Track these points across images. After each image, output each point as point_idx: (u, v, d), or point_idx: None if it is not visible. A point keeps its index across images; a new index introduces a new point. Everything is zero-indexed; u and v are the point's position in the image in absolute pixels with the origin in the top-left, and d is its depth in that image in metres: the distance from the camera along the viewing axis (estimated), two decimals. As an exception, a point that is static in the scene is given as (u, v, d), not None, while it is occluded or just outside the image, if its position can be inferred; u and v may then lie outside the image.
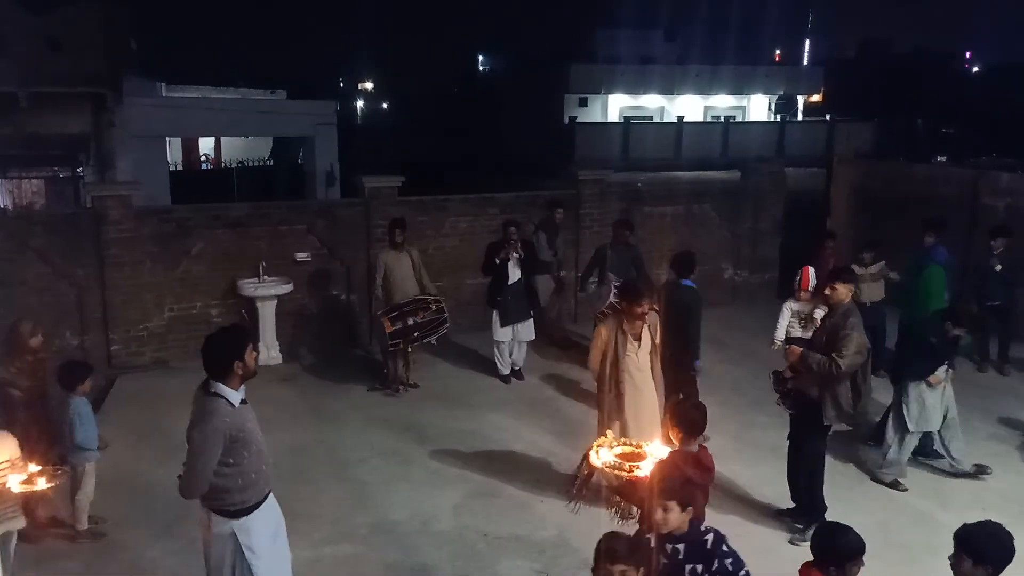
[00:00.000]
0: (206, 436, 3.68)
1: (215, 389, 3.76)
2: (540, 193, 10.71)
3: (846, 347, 5.27)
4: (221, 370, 3.76)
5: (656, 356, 5.81)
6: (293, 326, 9.40)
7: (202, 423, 3.70)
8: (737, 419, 7.45)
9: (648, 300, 5.65)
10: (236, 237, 9.01)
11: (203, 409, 3.73)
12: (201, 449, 3.69)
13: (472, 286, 10.00)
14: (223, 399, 3.75)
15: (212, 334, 3.90)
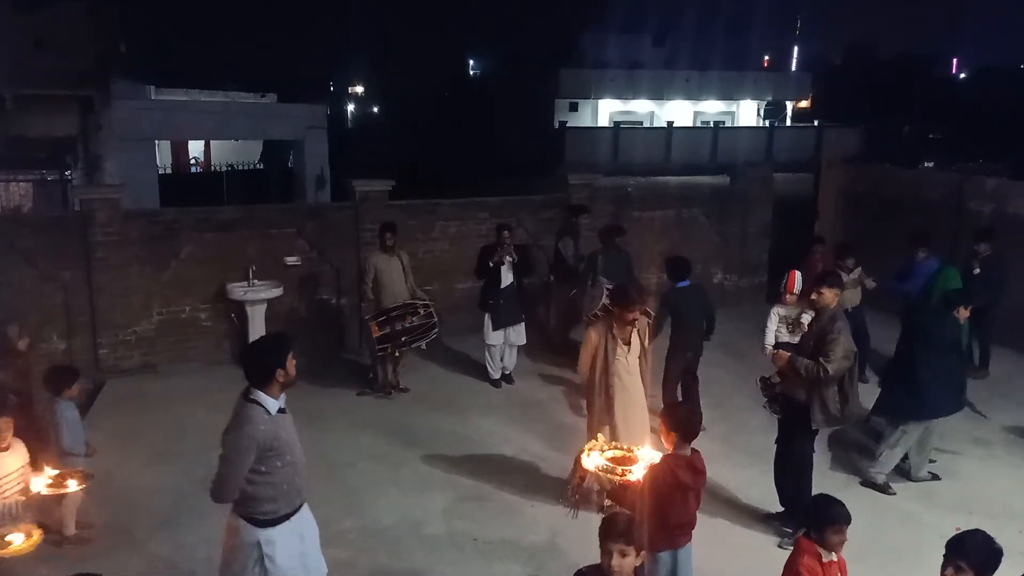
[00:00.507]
0: (238, 442, 3.66)
1: (253, 396, 3.75)
2: (530, 197, 10.72)
3: (833, 351, 5.29)
4: (262, 377, 3.73)
5: (646, 360, 5.82)
6: (282, 330, 9.34)
7: (236, 428, 3.68)
8: (726, 422, 7.46)
9: (639, 305, 5.65)
10: (225, 240, 8.98)
11: (238, 415, 3.72)
12: (232, 454, 3.66)
13: (462, 290, 9.99)
14: (260, 407, 3.73)
15: (254, 341, 3.87)
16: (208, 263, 8.93)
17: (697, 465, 4.18)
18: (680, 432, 4.18)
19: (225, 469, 3.69)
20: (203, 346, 9.04)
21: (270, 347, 3.82)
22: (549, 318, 10.23)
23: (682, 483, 4.10)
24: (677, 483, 4.10)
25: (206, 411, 7.74)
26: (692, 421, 4.22)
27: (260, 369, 3.73)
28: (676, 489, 4.10)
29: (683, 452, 4.18)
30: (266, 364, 3.73)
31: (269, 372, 3.73)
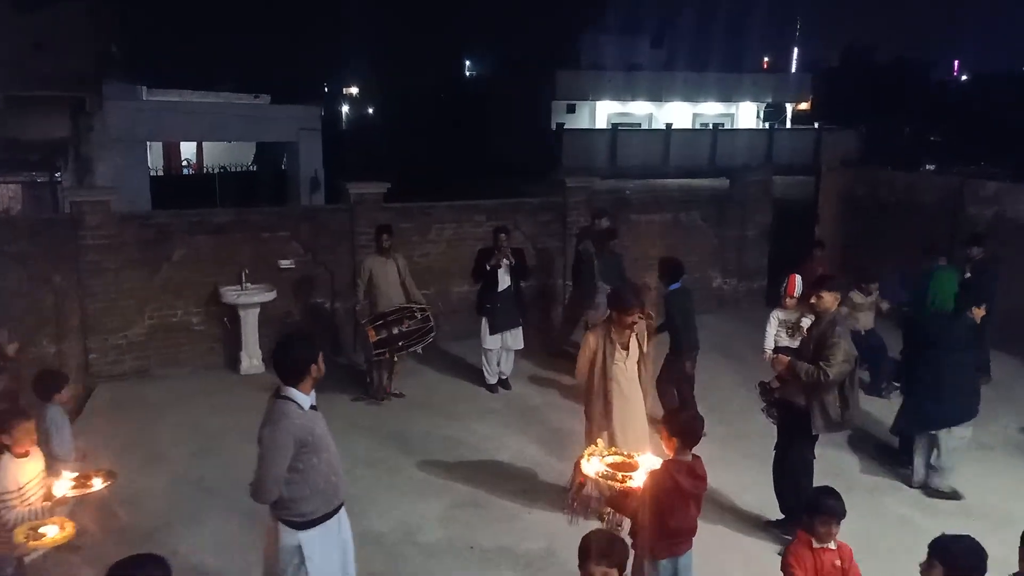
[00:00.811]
0: (276, 437, 3.69)
1: (285, 393, 3.80)
2: (527, 200, 10.74)
3: (833, 355, 5.31)
4: (297, 374, 3.79)
5: (645, 365, 5.83)
6: (276, 334, 9.29)
7: (271, 424, 3.72)
8: (724, 427, 7.48)
9: (637, 308, 5.66)
10: (218, 243, 8.98)
11: (272, 411, 3.76)
12: (271, 451, 3.69)
13: (458, 294, 10.00)
14: (293, 402, 3.78)
15: (286, 339, 3.93)
16: (201, 266, 8.92)
17: (698, 471, 4.18)
18: (682, 438, 4.19)
19: (264, 467, 3.71)
20: (195, 350, 9.03)
21: (303, 344, 3.87)
22: (551, 321, 10.25)
23: (683, 489, 4.10)
24: (678, 489, 4.10)
25: (199, 415, 7.75)
26: (694, 426, 4.23)
27: (294, 366, 3.79)
28: (677, 495, 4.11)
29: (684, 458, 4.19)
30: (301, 361, 3.79)
31: (303, 368, 3.79)
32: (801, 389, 5.49)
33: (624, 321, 5.62)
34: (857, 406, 5.64)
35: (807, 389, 5.45)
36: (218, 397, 8.25)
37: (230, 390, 8.48)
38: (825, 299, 5.49)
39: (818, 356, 5.39)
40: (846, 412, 5.52)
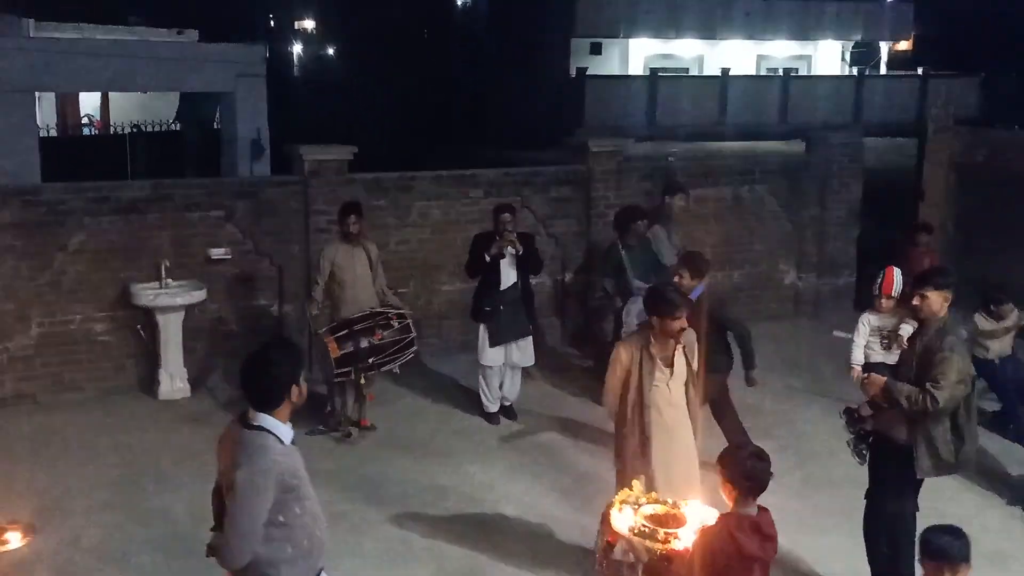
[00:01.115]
0: (254, 480, 3.70)
1: (259, 422, 3.83)
2: (538, 169, 10.74)
3: (944, 375, 5.29)
4: (272, 397, 3.84)
5: (695, 387, 5.81)
6: (206, 347, 9.37)
7: (248, 463, 3.72)
8: (799, 472, 7.46)
9: (684, 311, 5.64)
10: (129, 227, 8.97)
11: (246, 447, 3.77)
12: (248, 498, 3.70)
13: (448, 293, 10.00)
14: (271, 434, 3.81)
15: (261, 351, 3.98)
16: (106, 258, 8.91)
17: (765, 528, 4.18)
18: (743, 484, 4.17)
19: (238, 520, 3.72)
20: (99, 368, 9.03)
21: (283, 358, 3.91)
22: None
23: (745, 552, 4.10)
24: (738, 552, 4.10)
25: (104, 455, 7.74)
26: (758, 469, 4.22)
27: (270, 387, 3.83)
28: (737, 560, 4.11)
29: (747, 511, 4.17)
30: (278, 380, 3.83)
31: (284, 390, 3.84)
32: (902, 419, 5.47)
33: (668, 329, 5.59)
34: (975, 441, 5.61)
35: (910, 419, 5.43)
36: (130, 430, 8.24)
37: (146, 421, 8.47)
38: (931, 300, 5.46)
39: (923, 376, 5.37)
40: (961, 449, 5.49)
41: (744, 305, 11.00)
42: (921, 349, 5.50)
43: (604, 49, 33.31)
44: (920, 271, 6.02)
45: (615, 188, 10.56)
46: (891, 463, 5.60)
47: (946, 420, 5.44)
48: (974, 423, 5.57)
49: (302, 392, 3.91)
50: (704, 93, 30.40)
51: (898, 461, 5.53)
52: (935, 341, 5.41)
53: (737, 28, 33.41)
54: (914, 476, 5.52)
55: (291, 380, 3.86)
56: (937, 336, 5.42)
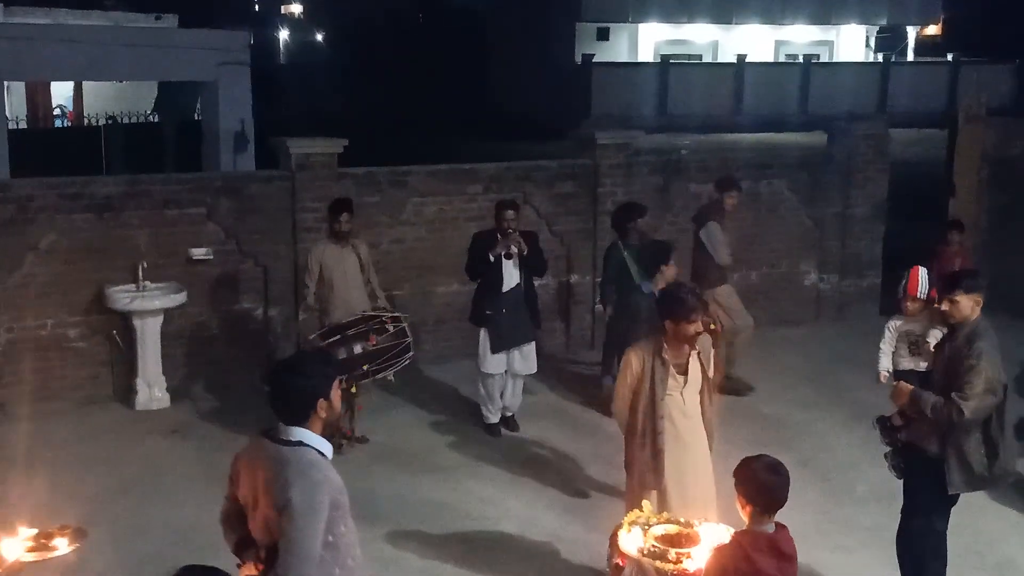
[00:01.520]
0: (314, 498, 3.72)
1: (297, 436, 3.84)
2: (541, 163, 10.75)
3: (971, 385, 5.28)
4: (303, 410, 3.86)
5: (710, 396, 5.81)
6: (186, 354, 9.36)
7: (301, 481, 3.72)
8: (821, 486, 7.46)
9: (699, 314, 5.64)
10: (104, 225, 8.97)
11: (292, 464, 3.77)
12: (307, 518, 3.71)
13: (445, 295, 10.00)
14: (313, 449, 3.84)
15: (291, 360, 4.02)
16: (79, 258, 8.91)
17: (782, 547, 4.18)
18: (759, 500, 4.17)
19: (302, 542, 3.70)
20: (73, 377, 9.03)
21: (314, 368, 3.93)
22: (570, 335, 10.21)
23: (761, 572, 4.10)
24: (754, 572, 4.10)
25: (77, 471, 7.73)
26: (775, 483, 4.22)
27: (301, 399, 3.86)
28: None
29: (764, 528, 4.18)
30: (309, 392, 3.86)
31: (310, 404, 3.86)
32: (933, 431, 5.46)
33: (683, 333, 5.60)
34: (1012, 454, 5.60)
35: (941, 431, 5.43)
36: (105, 443, 8.24)
37: (122, 432, 8.46)
38: (961, 304, 5.45)
39: (950, 384, 5.36)
40: (995, 463, 5.49)
41: (762, 308, 10.99)
42: (949, 356, 5.49)
43: (611, 34, 33.35)
44: (949, 273, 6.01)
45: (623, 183, 10.55)
46: (922, 476, 5.60)
47: (977, 432, 5.43)
48: (1009, 435, 5.56)
49: (334, 406, 3.94)
50: (718, 81, 30.47)
51: (930, 475, 5.53)
52: (963, 348, 5.40)
53: (754, 12, 33.42)
54: (946, 491, 5.52)
55: (319, 393, 3.87)
56: (966, 342, 5.41)
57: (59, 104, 24.67)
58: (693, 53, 34.19)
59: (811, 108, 29.15)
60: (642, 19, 32.92)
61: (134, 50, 18.54)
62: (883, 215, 11.80)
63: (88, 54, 17.83)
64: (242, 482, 3.95)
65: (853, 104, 26.98)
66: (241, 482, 3.96)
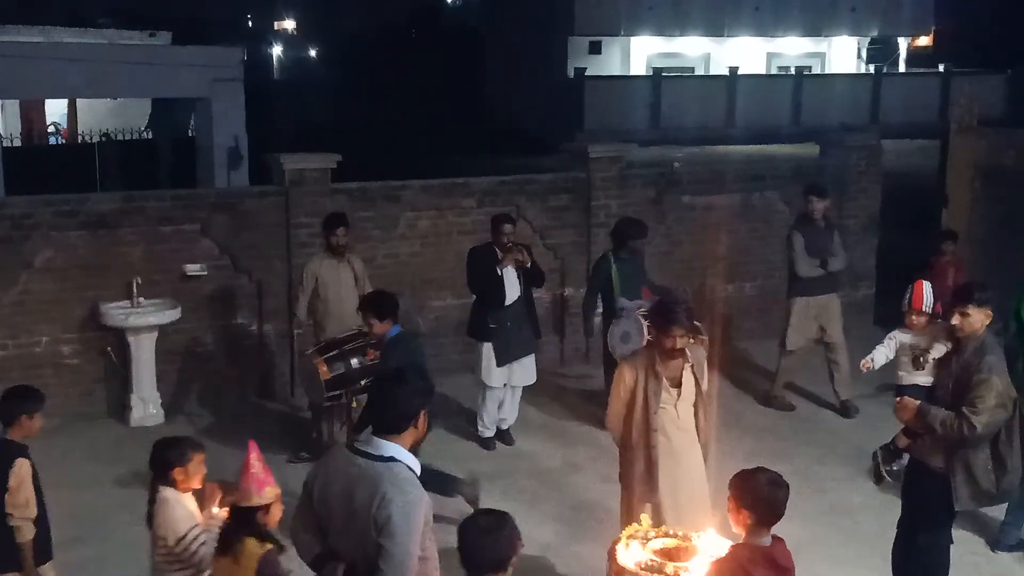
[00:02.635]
0: (410, 516, 3.79)
1: (389, 452, 3.88)
2: (534, 177, 10.75)
3: (982, 399, 5.25)
4: (399, 423, 3.92)
5: (703, 408, 5.80)
6: (180, 370, 9.35)
7: (401, 496, 3.77)
8: (818, 498, 7.44)
9: (688, 326, 5.64)
10: (98, 242, 8.97)
11: (387, 479, 3.80)
12: (408, 534, 3.79)
13: (440, 309, 9.99)
14: (404, 465, 3.88)
15: (395, 374, 4.13)
16: (74, 275, 8.91)
17: (780, 560, 4.17)
18: (756, 512, 4.17)
19: (403, 558, 3.77)
20: (67, 393, 8.99)
21: (416, 384, 4.03)
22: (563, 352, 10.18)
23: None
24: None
25: (71, 486, 7.70)
26: (774, 496, 4.21)
27: (400, 412, 3.92)
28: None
29: (760, 541, 4.17)
30: (409, 406, 3.93)
31: (410, 418, 3.93)
32: (939, 446, 5.44)
33: (660, 344, 5.60)
34: (1019, 469, 5.57)
35: (947, 446, 5.41)
36: (99, 460, 8.21)
37: (116, 449, 8.43)
38: (973, 318, 5.40)
39: (960, 399, 5.34)
40: (1003, 478, 5.47)
41: (755, 320, 11.01)
42: (958, 370, 5.45)
43: (604, 48, 33.44)
44: (957, 285, 5.98)
45: (617, 196, 10.56)
46: (927, 492, 5.57)
47: (986, 447, 5.41)
48: (1017, 449, 5.53)
49: (424, 422, 4.03)
50: (711, 94, 30.54)
51: (935, 490, 5.50)
52: (973, 362, 5.36)
53: (746, 24, 33.56)
54: (951, 506, 5.50)
55: (422, 407, 3.98)
56: (975, 356, 5.37)
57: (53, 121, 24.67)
58: (685, 66, 34.28)
59: (803, 120, 29.25)
60: (634, 32, 33.02)
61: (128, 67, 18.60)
62: (876, 226, 11.82)
63: (82, 72, 17.87)
64: (324, 495, 3.98)
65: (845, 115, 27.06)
66: (322, 495, 3.99)
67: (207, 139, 19.31)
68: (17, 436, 5.40)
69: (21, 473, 5.28)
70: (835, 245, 9.17)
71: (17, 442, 5.39)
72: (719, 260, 10.96)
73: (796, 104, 30.77)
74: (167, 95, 20.28)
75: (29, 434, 5.45)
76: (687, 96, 29.83)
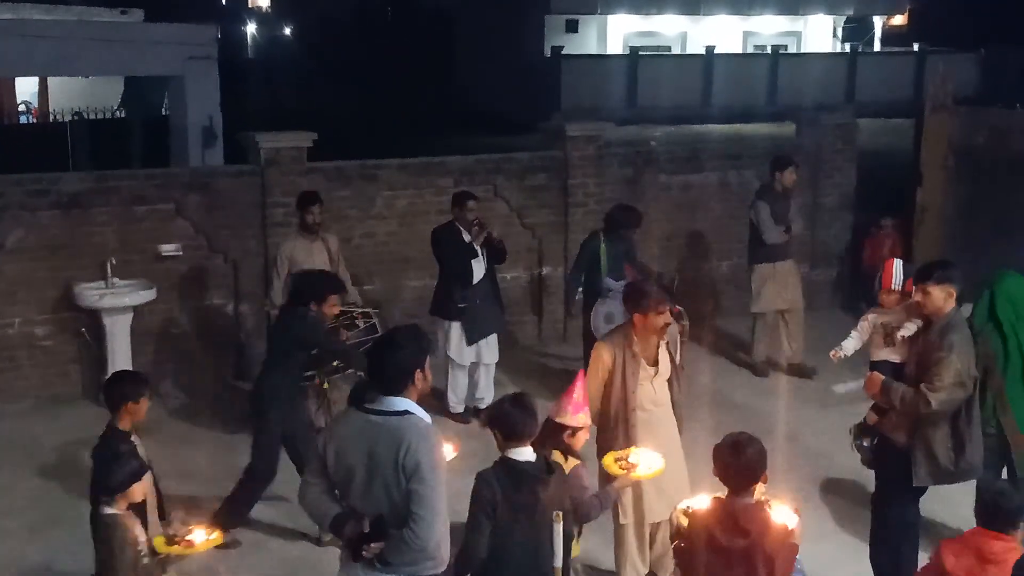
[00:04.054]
0: (436, 460, 4.00)
1: (403, 406, 4.06)
2: (512, 155, 10.74)
3: (939, 377, 5.31)
4: (400, 381, 4.08)
5: (678, 384, 5.85)
6: (156, 351, 9.33)
7: (424, 445, 3.96)
8: (794, 476, 7.49)
9: (666, 303, 5.67)
10: (71, 222, 8.93)
11: (410, 431, 3.97)
12: (441, 482, 3.97)
13: (416, 289, 9.99)
14: (419, 416, 4.07)
15: (388, 334, 4.35)
16: (46, 255, 8.87)
17: (741, 520, 4.25)
18: (724, 477, 4.30)
19: (440, 505, 3.96)
20: (40, 375, 8.98)
21: (409, 341, 4.15)
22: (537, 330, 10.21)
23: (717, 545, 4.22)
24: (711, 545, 4.24)
25: (46, 468, 7.68)
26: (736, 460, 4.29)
27: (398, 370, 4.07)
28: (710, 553, 4.26)
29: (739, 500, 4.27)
30: (406, 363, 4.07)
31: (409, 375, 4.08)
32: (903, 423, 5.50)
33: (652, 325, 5.62)
34: (979, 448, 5.63)
35: (911, 423, 5.47)
36: (75, 441, 8.17)
37: (92, 430, 8.34)
38: (934, 296, 5.47)
39: (921, 376, 5.40)
40: (962, 457, 5.53)
41: (732, 299, 11.05)
42: (922, 347, 5.53)
43: (580, 26, 33.32)
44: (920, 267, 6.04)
45: (594, 175, 10.57)
46: (893, 467, 5.65)
47: (945, 425, 5.46)
48: (977, 429, 5.58)
49: (427, 377, 4.17)
50: (687, 73, 30.49)
51: (899, 466, 5.58)
52: (936, 340, 5.43)
53: (722, 3, 33.53)
54: (911, 483, 5.57)
55: (418, 364, 4.10)
56: (939, 334, 5.43)
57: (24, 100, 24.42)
58: (662, 45, 34.19)
59: (780, 99, 29.24)
60: (611, 11, 32.91)
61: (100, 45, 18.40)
62: (851, 204, 11.88)
63: (53, 49, 17.67)
64: (342, 456, 4.06)
65: (821, 94, 27.06)
66: (340, 457, 4.07)
67: (181, 118, 19.14)
68: (125, 423, 5.37)
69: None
70: (793, 212, 9.64)
71: (120, 429, 5.35)
72: (694, 239, 11.01)
73: (772, 83, 30.75)
74: (140, 73, 20.09)
75: (137, 418, 5.43)
76: (664, 75, 29.73)
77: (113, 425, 5.35)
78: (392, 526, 3.94)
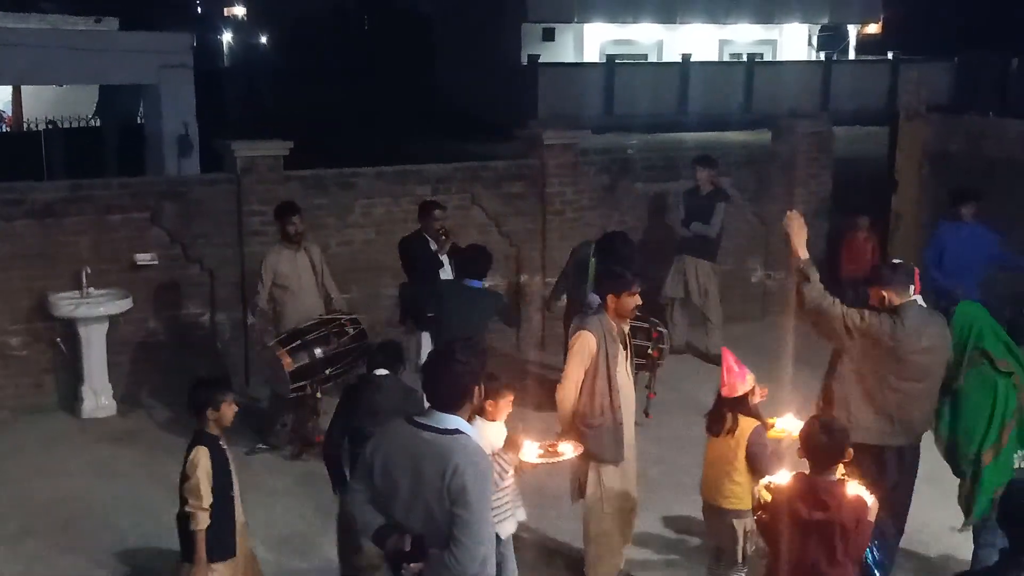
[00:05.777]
0: (483, 485, 3.94)
1: (454, 425, 4.00)
2: (488, 164, 10.76)
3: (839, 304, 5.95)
4: (457, 397, 4.03)
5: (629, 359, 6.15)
6: (132, 361, 9.29)
7: (472, 469, 3.89)
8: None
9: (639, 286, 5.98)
10: (45, 231, 8.89)
11: (459, 453, 3.90)
12: (484, 503, 3.93)
13: (393, 297, 9.93)
14: (469, 437, 4.02)
15: (448, 348, 4.16)
16: (20, 265, 8.82)
17: (821, 494, 4.47)
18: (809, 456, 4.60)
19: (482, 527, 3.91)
20: (15, 386, 8.92)
21: (470, 357, 4.08)
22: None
23: (797, 518, 4.46)
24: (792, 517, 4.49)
25: (20, 481, 7.63)
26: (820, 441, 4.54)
27: (457, 386, 4.02)
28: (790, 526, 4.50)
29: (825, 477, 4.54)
30: (465, 380, 4.02)
31: (468, 391, 4.04)
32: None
33: (625, 306, 5.91)
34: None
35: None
36: (51, 452, 8.14)
37: (68, 441, 8.37)
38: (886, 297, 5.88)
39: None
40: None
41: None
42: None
43: (557, 35, 33.43)
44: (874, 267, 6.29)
45: (571, 183, 10.60)
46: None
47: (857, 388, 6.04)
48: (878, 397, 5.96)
49: (483, 394, 4.18)
50: (664, 81, 30.63)
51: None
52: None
53: (698, 11, 33.71)
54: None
55: (476, 380, 4.06)
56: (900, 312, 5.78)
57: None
58: (638, 53, 34.35)
59: (755, 106, 29.41)
60: (587, 19, 33.03)
61: (74, 53, 18.31)
62: (828, 211, 11.96)
63: (26, 58, 17.58)
64: (388, 469, 4.03)
65: (796, 102, 27.22)
66: (385, 469, 4.04)
67: (156, 126, 19.07)
68: (212, 427, 5.39)
69: (196, 460, 5.27)
70: (714, 215, 10.13)
71: (205, 432, 5.37)
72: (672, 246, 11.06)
73: (748, 91, 30.93)
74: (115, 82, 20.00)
75: (223, 423, 5.44)
76: (640, 83, 29.85)
77: (201, 430, 5.38)
78: (433, 545, 3.89)
